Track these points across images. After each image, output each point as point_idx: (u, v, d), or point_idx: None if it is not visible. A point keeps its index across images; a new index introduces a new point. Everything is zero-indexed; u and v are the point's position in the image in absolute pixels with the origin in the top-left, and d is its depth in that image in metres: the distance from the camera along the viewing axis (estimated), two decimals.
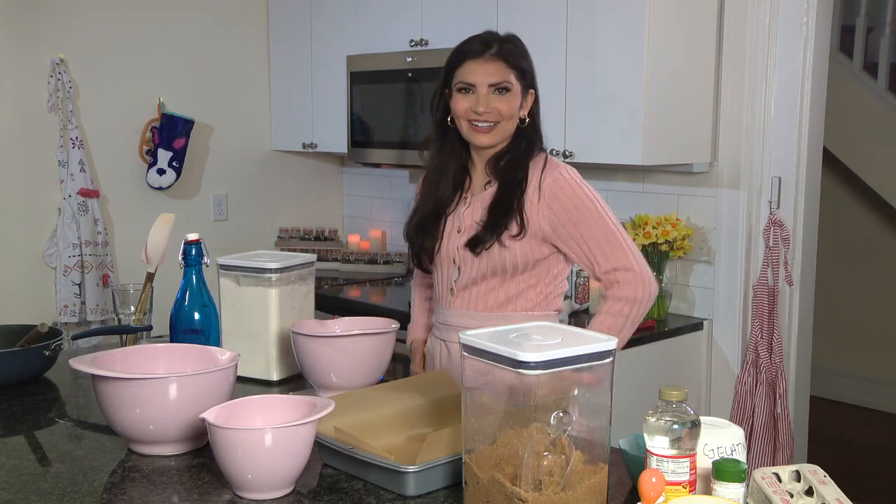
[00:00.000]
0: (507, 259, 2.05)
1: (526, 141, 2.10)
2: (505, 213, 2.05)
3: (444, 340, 2.19)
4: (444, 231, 2.14)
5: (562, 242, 2.05)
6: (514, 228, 2.03)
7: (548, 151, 2.14)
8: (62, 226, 3.64)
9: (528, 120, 2.09)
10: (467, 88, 2.04)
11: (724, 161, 3.19)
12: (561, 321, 2.92)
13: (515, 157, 2.08)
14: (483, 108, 2.02)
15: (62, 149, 3.66)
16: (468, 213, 2.11)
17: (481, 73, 2.03)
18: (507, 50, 2.05)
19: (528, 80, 2.08)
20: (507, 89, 2.03)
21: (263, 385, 2.12)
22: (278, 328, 2.12)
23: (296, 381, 2.15)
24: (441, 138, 2.14)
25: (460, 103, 2.05)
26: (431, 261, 2.17)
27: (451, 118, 2.09)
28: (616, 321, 2.03)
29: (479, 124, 2.04)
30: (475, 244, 2.06)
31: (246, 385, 2.06)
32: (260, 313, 2.12)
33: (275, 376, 2.14)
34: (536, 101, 2.12)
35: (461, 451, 1.41)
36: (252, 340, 2.13)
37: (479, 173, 2.14)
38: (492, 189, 2.10)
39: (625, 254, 2.04)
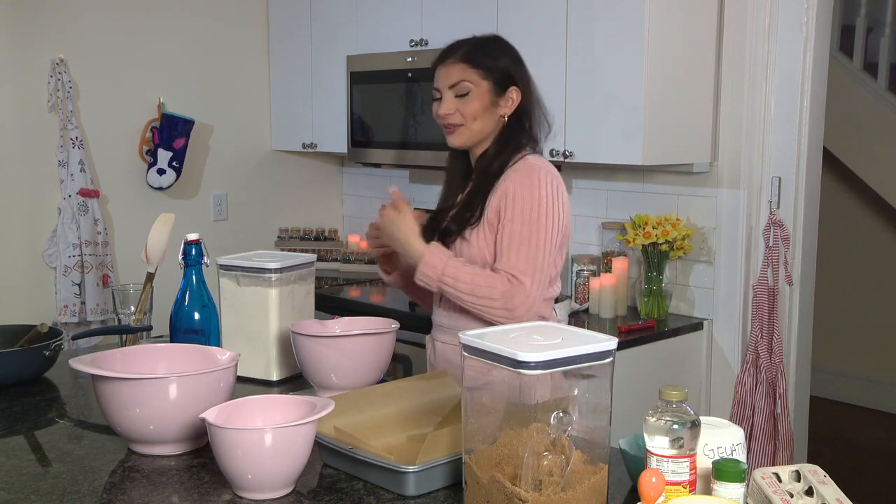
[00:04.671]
0: (467, 252, 2.06)
1: (512, 140, 2.09)
2: (471, 206, 2.07)
3: (433, 339, 2.22)
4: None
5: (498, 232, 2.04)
6: (471, 219, 2.06)
7: (539, 149, 2.13)
8: (62, 226, 3.64)
9: (506, 117, 2.09)
10: (436, 96, 2.10)
11: (724, 161, 3.19)
12: (559, 321, 2.92)
13: (494, 154, 2.09)
14: (444, 111, 2.06)
15: (62, 149, 3.66)
16: (451, 212, 2.15)
17: (442, 77, 2.08)
18: (471, 52, 2.07)
19: (501, 77, 2.07)
20: (466, 91, 2.05)
21: (263, 385, 2.12)
22: (278, 328, 2.12)
23: (296, 381, 2.15)
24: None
25: (434, 109, 2.11)
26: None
27: None
28: (482, 286, 1.96)
29: (447, 127, 2.09)
30: (444, 235, 2.09)
31: (246, 385, 2.06)
32: (260, 313, 2.12)
33: (275, 376, 2.14)
34: (525, 99, 2.10)
35: (461, 451, 1.42)
36: (252, 340, 2.13)
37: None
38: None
39: (529, 266, 1.97)
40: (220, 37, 4.13)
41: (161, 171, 3.89)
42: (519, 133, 2.10)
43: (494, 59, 2.09)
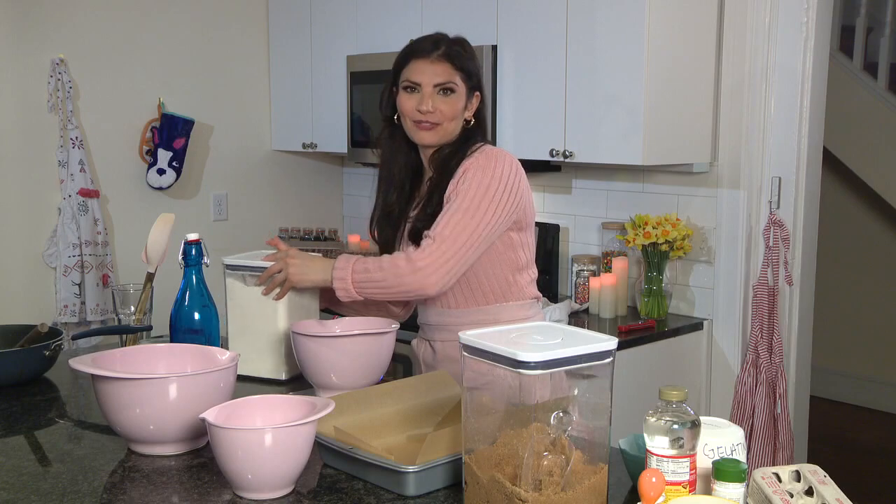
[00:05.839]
0: None
1: (470, 140, 2.12)
2: (431, 199, 2.08)
3: (428, 340, 2.21)
4: (402, 233, 2.17)
5: None
6: (433, 214, 2.05)
7: (489, 142, 2.16)
8: (62, 226, 3.64)
9: (472, 121, 2.13)
10: (413, 87, 2.08)
11: (724, 161, 3.19)
12: (559, 321, 2.93)
13: (454, 151, 2.10)
14: (426, 108, 2.05)
15: (62, 149, 3.66)
16: (414, 213, 2.15)
17: (428, 72, 2.06)
18: (455, 52, 2.09)
19: (473, 82, 2.11)
20: (451, 90, 2.07)
21: (273, 385, 2.11)
22: (286, 327, 2.11)
23: (304, 379, 2.15)
24: (390, 136, 2.18)
25: (406, 102, 2.08)
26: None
27: (398, 116, 2.13)
28: (388, 263, 1.97)
29: (422, 123, 2.07)
30: (413, 235, 2.08)
31: (248, 384, 2.06)
32: (267, 312, 2.11)
33: (284, 375, 2.13)
34: (483, 103, 2.15)
35: (461, 451, 1.42)
36: (260, 340, 2.12)
37: (426, 172, 2.17)
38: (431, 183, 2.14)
39: (452, 233, 1.96)
40: (220, 37, 4.13)
41: (161, 171, 3.89)
42: (476, 134, 2.14)
43: (473, 64, 2.12)
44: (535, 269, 2.20)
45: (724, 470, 1.32)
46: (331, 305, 2.26)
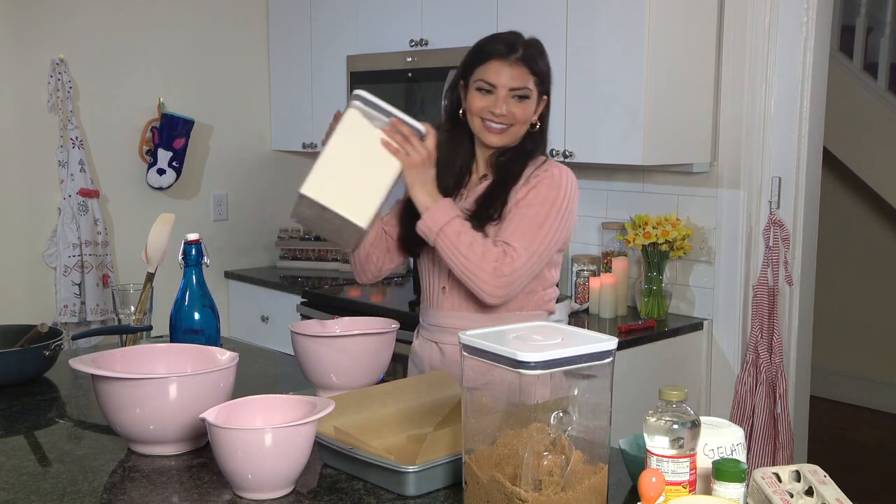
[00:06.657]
0: None
1: (531, 143, 2.11)
2: (493, 204, 2.05)
3: (435, 342, 2.19)
4: None
5: None
6: (495, 215, 2.04)
7: (549, 155, 2.16)
8: (62, 226, 3.64)
9: (538, 125, 2.11)
10: (487, 89, 2.04)
11: (724, 161, 3.19)
12: (559, 321, 2.93)
13: (517, 156, 2.09)
14: (500, 111, 2.03)
15: (62, 149, 3.66)
16: (459, 206, 2.11)
17: (504, 75, 2.03)
18: (530, 55, 2.05)
19: (545, 85, 2.09)
20: (526, 96, 2.05)
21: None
22: (390, 181, 1.99)
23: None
24: (450, 129, 2.15)
25: (477, 101, 2.05)
26: (413, 247, 2.16)
27: (463, 111, 2.10)
28: (479, 246, 1.95)
29: (493, 125, 2.05)
30: None
31: (248, 383, 2.05)
32: (379, 157, 2.00)
33: (363, 223, 1.99)
34: (547, 106, 2.13)
35: (461, 451, 1.42)
36: (355, 179, 2.01)
37: (479, 168, 2.15)
38: (486, 182, 2.11)
39: (530, 246, 1.97)
40: (220, 37, 4.13)
41: (161, 171, 3.89)
42: (539, 143, 2.13)
43: (545, 64, 2.09)
44: (557, 289, 2.20)
45: (724, 470, 1.32)
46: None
